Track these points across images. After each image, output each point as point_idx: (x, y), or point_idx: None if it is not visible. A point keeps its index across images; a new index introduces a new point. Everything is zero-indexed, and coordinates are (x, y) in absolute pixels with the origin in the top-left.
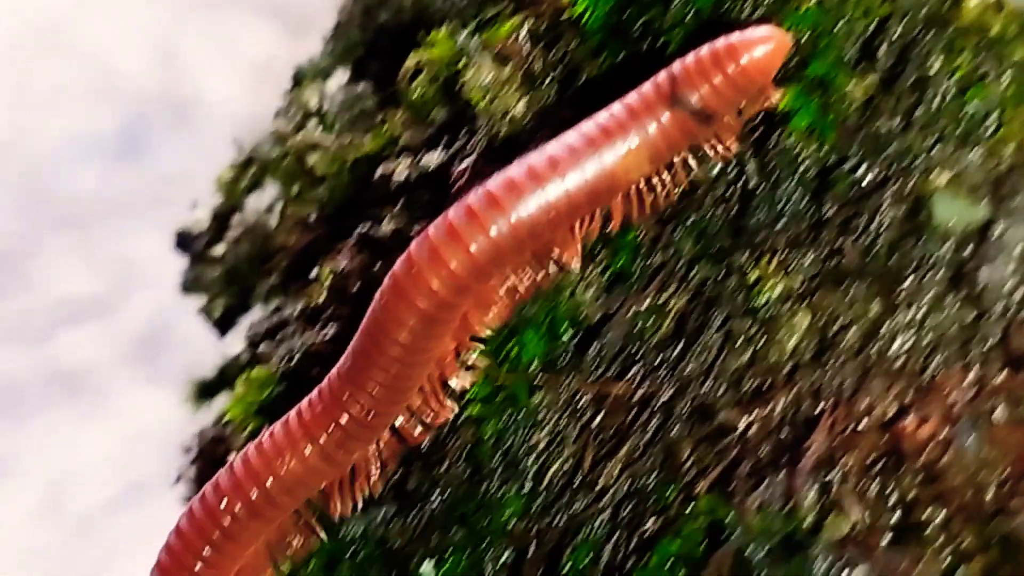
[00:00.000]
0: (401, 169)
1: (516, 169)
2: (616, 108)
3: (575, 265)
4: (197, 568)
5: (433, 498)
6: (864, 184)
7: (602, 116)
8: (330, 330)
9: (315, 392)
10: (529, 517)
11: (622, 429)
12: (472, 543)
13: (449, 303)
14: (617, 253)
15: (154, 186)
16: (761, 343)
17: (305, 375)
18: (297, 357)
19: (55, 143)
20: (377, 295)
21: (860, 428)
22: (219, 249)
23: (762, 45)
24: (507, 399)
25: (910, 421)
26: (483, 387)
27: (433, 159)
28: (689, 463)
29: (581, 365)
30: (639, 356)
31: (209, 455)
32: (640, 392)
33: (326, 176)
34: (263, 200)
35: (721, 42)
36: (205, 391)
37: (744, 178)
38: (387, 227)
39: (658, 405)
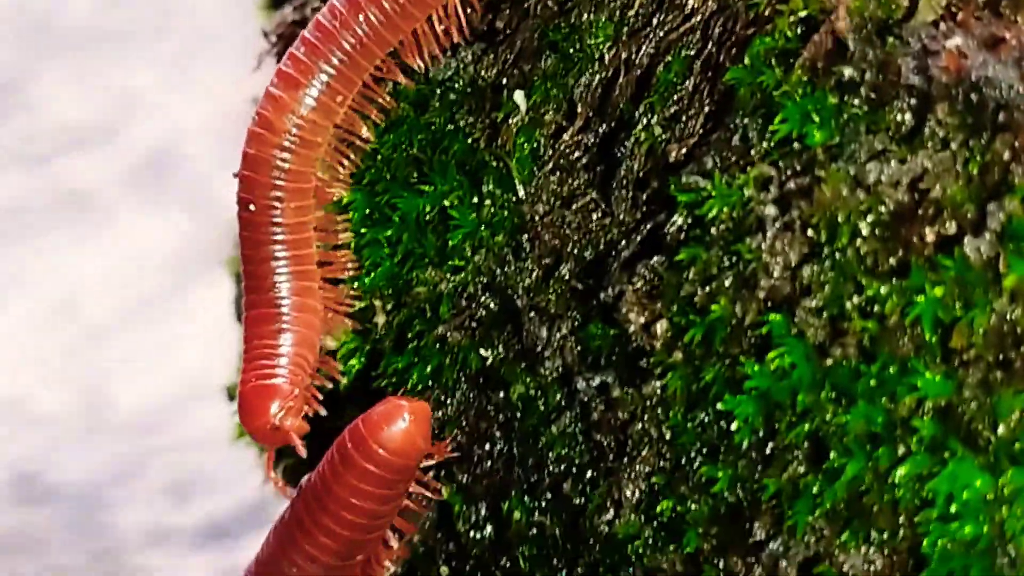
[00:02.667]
0: None
1: None
2: None
3: None
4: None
5: (523, 31)
6: None
7: None
8: None
9: None
10: (619, 42)
11: None
12: (563, 71)
13: None
14: None
15: (150, 17)
16: None
17: None
18: None
19: None
20: None
21: None
22: None
23: None
24: None
25: None
26: None
27: None
28: None
29: None
30: None
31: (289, 38)
32: None
33: None
34: None
35: None
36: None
37: None
38: None
39: None
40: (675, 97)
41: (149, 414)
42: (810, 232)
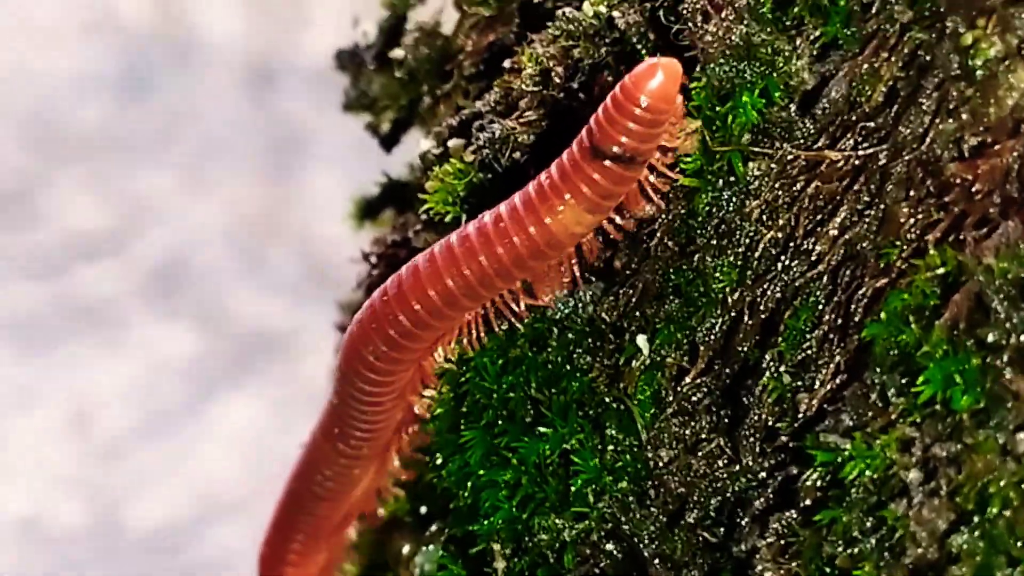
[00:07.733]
0: None
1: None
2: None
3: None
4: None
5: (644, 272)
6: None
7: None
8: (532, 115)
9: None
10: (743, 286)
11: (837, 195)
12: (685, 314)
13: None
14: (829, 19)
15: (160, 124)
16: (979, 103)
17: (507, 163)
18: (497, 145)
19: (58, 81)
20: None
21: None
22: (397, 52)
23: (651, 78)
24: (720, 168)
25: None
26: (696, 158)
27: None
28: (911, 222)
29: (794, 133)
30: (853, 123)
31: (391, 259)
32: (854, 157)
33: None
34: (429, 10)
35: (617, 87)
36: (370, 209)
37: None
38: (589, 11)
39: (874, 169)
40: (804, 346)
41: (164, 534)
42: (958, 499)
